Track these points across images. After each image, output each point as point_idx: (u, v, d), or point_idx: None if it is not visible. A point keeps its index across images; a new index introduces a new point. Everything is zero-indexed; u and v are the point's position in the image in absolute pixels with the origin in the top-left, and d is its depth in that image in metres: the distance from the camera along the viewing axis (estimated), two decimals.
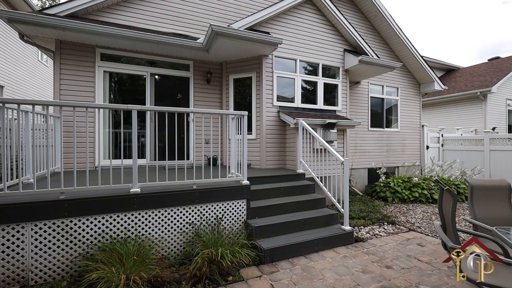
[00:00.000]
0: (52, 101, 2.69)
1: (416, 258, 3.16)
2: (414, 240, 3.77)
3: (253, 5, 6.29)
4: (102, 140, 4.86)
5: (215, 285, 2.53)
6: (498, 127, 10.89)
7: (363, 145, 7.56)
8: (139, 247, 2.68)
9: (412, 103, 8.56)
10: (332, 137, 5.20)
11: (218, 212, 3.36)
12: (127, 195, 2.88)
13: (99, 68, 4.91)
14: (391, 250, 3.38)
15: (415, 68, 8.22)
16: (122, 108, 2.89)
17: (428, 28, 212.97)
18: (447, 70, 14.93)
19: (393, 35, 7.69)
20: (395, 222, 4.58)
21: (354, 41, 6.25)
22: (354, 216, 4.78)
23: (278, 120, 5.48)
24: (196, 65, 5.68)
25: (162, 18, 5.46)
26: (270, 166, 5.36)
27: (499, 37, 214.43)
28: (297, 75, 5.76)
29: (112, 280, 2.25)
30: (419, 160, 8.54)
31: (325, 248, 3.39)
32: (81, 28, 4.15)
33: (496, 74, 11.32)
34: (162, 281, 2.50)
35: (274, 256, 3.06)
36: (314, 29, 5.96)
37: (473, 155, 8.60)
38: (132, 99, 5.39)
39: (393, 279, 2.66)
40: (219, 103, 5.90)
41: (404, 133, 8.36)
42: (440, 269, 2.87)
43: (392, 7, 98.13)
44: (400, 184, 6.59)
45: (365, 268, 2.89)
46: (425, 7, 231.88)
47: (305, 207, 3.99)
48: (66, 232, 2.66)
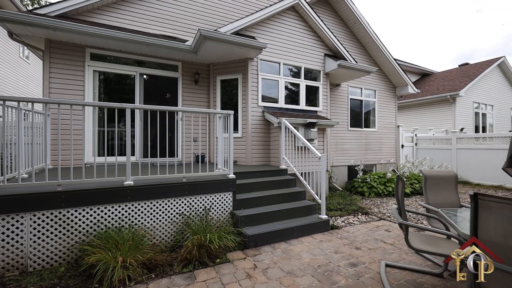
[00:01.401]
0: (52, 99, 2.87)
1: (382, 241, 3.60)
2: (383, 227, 4.22)
3: (239, 10, 6.61)
4: (96, 138, 5.00)
5: (204, 266, 2.81)
6: (466, 127, 11.83)
7: (343, 144, 8.06)
8: (133, 235, 2.92)
9: (388, 104, 9.18)
10: (313, 135, 5.60)
11: (206, 204, 3.64)
12: (121, 187, 3.10)
13: (89, 67, 5.03)
14: (361, 235, 3.80)
15: (390, 72, 8.85)
16: (116, 106, 3.11)
17: (410, 35, 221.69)
18: (422, 74, 15.93)
19: (370, 41, 8.26)
20: (368, 213, 5.05)
21: (334, 47, 6.71)
22: (332, 208, 5.20)
23: (263, 120, 5.81)
24: (184, 66, 5.91)
25: (152, 20, 5.65)
26: (255, 162, 5.69)
27: (473, 43, 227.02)
28: (281, 77, 6.13)
29: (110, 262, 2.48)
30: (394, 158, 9.18)
31: (304, 234, 3.76)
32: (72, 29, 4.29)
33: (464, 79, 12.29)
34: (155, 264, 2.76)
35: (258, 241, 3.38)
36: (297, 34, 6.35)
37: (442, 153, 9.37)
38: (121, 98, 5.53)
39: (360, 257, 3.06)
40: (207, 103, 6.16)
41: (381, 133, 8.96)
42: (401, 249, 3.31)
43: (377, 15, 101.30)
44: (376, 180, 7.12)
45: (337, 249, 3.28)
46: (408, 16, 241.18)
47: (287, 199, 4.34)
48: (63, 221, 2.84)
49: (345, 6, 7.77)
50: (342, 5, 7.80)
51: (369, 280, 2.55)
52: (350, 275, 2.65)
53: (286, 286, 2.44)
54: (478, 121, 12.65)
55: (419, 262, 2.98)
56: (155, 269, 2.73)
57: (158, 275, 2.62)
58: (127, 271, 2.49)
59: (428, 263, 2.95)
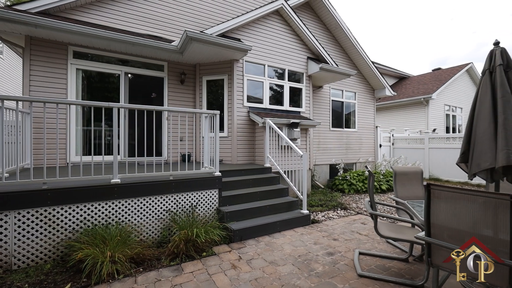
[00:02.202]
0: (38, 98, 2.88)
1: (358, 232, 3.89)
2: (359, 220, 4.54)
3: (226, 12, 6.75)
4: (79, 137, 4.94)
5: (191, 259, 2.94)
6: (438, 128, 12.67)
7: (325, 143, 8.42)
8: (120, 231, 2.99)
9: (367, 106, 9.67)
10: (296, 135, 5.85)
11: (193, 200, 3.76)
12: (108, 185, 3.16)
13: (72, 65, 4.97)
14: (339, 228, 4.08)
15: (369, 75, 9.33)
16: (103, 105, 3.15)
17: (393, 41, 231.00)
18: (399, 77, 16.79)
19: (350, 46, 8.68)
20: (347, 208, 5.37)
21: (316, 50, 7.01)
22: (314, 204, 5.47)
23: (248, 120, 5.99)
24: (170, 66, 5.96)
25: (138, 20, 5.66)
26: (241, 161, 5.85)
27: (447, 49, 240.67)
28: (265, 79, 6.33)
29: (98, 257, 2.55)
30: (373, 157, 9.69)
31: (286, 228, 3.98)
32: (55, 26, 4.23)
33: (437, 83, 13.14)
34: (143, 258, 2.85)
35: (243, 235, 3.55)
36: (281, 37, 6.59)
37: (416, 152, 10.00)
38: (105, 96, 5.49)
39: (337, 247, 3.31)
40: (193, 103, 6.24)
41: (361, 133, 9.42)
42: (374, 239, 3.61)
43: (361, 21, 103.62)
44: (355, 177, 7.52)
45: (316, 241, 3.53)
46: (390, 23, 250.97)
47: (271, 196, 4.55)
48: (49, 219, 2.86)
49: (327, 11, 8.11)
50: (324, 11, 8.15)
51: (344, 267, 2.80)
52: (327, 262, 2.89)
53: (268, 274, 2.63)
54: (449, 122, 13.56)
55: (389, 250, 3.28)
56: (143, 263, 2.82)
57: (146, 269, 2.73)
58: (116, 265, 2.57)
59: (397, 250, 3.26)
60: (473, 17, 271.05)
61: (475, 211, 1.70)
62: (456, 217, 1.79)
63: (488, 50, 2.38)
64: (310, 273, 2.65)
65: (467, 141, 2.46)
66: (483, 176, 2.33)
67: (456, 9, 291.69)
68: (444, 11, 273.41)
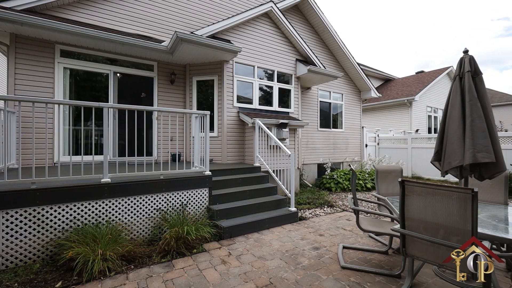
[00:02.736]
0: (26, 97, 2.86)
1: (343, 228, 4.08)
2: (345, 217, 4.74)
3: (216, 13, 6.81)
4: (67, 136, 4.88)
5: (181, 256, 3.02)
6: (421, 129, 13.21)
7: (313, 143, 8.63)
8: (111, 230, 3.02)
9: (354, 107, 9.98)
10: (285, 135, 6.00)
11: (183, 199, 3.83)
12: (98, 184, 3.18)
13: (59, 64, 4.90)
14: (325, 224, 4.26)
15: (356, 77, 9.64)
16: (93, 105, 3.17)
17: (381, 44, 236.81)
18: (385, 79, 17.35)
19: (338, 48, 8.94)
20: (333, 205, 5.57)
21: (304, 53, 7.19)
22: (301, 202, 5.64)
23: (238, 120, 6.09)
24: (160, 66, 5.97)
25: (128, 19, 5.64)
26: (231, 161, 5.94)
27: (431, 53, 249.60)
28: (255, 80, 6.45)
29: (89, 255, 2.59)
30: (359, 156, 10.01)
31: (275, 225, 4.11)
32: (42, 25, 4.18)
33: (420, 85, 13.70)
34: (134, 256, 2.90)
35: (232, 232, 3.66)
36: (270, 40, 6.72)
37: (400, 151, 10.40)
38: (93, 96, 5.44)
39: (322, 242, 3.48)
40: (183, 103, 6.27)
41: (348, 133, 9.72)
42: (357, 234, 3.80)
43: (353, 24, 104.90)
44: (342, 176, 7.77)
45: (303, 236, 3.68)
46: (379, 27, 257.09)
47: (260, 194, 4.67)
48: (38, 219, 2.86)
49: (315, 15, 8.33)
50: (313, 14, 8.36)
51: (328, 260, 2.96)
52: (312, 256, 3.04)
53: (257, 268, 2.75)
54: (431, 123, 14.16)
55: (371, 243, 3.47)
56: (134, 261, 2.87)
57: (137, 266, 2.78)
58: (107, 263, 2.62)
59: (378, 244, 3.46)
60: (454, 22, 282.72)
61: (443, 204, 1.89)
62: (427, 210, 1.97)
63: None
64: (297, 266, 2.79)
65: (440, 141, 2.67)
66: (453, 173, 2.54)
67: (438, 15, 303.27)
68: (427, 16, 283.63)
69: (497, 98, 23.94)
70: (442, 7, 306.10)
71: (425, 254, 2.05)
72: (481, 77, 2.46)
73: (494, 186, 3.07)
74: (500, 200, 3.00)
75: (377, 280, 2.53)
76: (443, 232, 1.89)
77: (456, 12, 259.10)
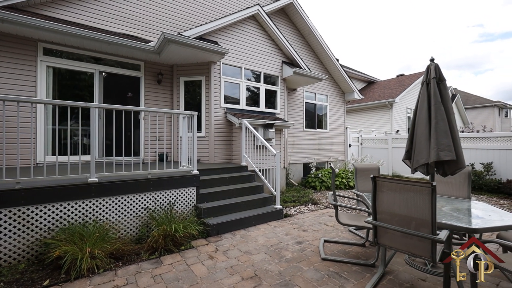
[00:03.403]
0: (11, 97, 2.85)
1: (325, 224, 4.30)
2: (327, 213, 4.97)
3: (204, 15, 6.88)
4: (50, 136, 4.80)
5: (169, 253, 3.10)
6: (401, 129, 13.84)
7: (299, 143, 8.88)
8: (99, 229, 3.05)
9: (338, 108, 10.34)
10: (271, 135, 6.18)
11: (171, 198, 3.90)
12: (85, 184, 3.20)
13: (42, 62, 4.81)
14: (309, 221, 4.46)
15: (340, 80, 9.99)
16: (80, 105, 3.19)
17: (369, 48, 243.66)
18: (368, 82, 17.99)
19: (322, 51, 9.24)
20: (317, 203, 5.80)
21: (290, 55, 7.41)
22: (287, 200, 5.84)
23: (225, 120, 6.19)
24: (147, 66, 5.97)
25: (114, 18, 5.60)
26: (218, 160, 6.04)
27: (412, 57, 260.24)
28: (242, 81, 6.58)
29: (77, 254, 2.63)
30: (343, 156, 10.38)
31: (261, 222, 4.26)
32: (23, 22, 4.11)
33: (400, 88, 14.34)
34: (122, 254, 2.96)
35: (219, 229, 3.77)
36: (257, 42, 6.88)
37: (382, 151, 10.87)
38: (78, 95, 5.37)
39: (305, 237, 3.67)
40: (170, 103, 6.30)
41: (332, 134, 10.05)
42: (338, 229, 4.03)
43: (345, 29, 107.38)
44: (326, 175, 8.05)
45: (288, 232, 3.86)
46: (366, 32, 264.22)
47: (247, 193, 4.81)
48: (23, 219, 2.85)
49: (301, 18, 8.57)
50: (298, 18, 8.60)
51: (310, 253, 3.15)
52: (295, 250, 3.22)
53: (243, 262, 2.89)
54: (410, 124, 14.84)
55: (350, 237, 3.70)
56: (123, 258, 2.93)
57: (126, 263, 2.84)
58: (95, 260, 2.66)
59: (357, 237, 3.70)
60: (434, 28, 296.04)
61: (408, 198, 2.11)
62: (395, 203, 2.19)
63: (445, 59, 2.83)
64: (280, 259, 2.96)
65: (410, 141, 2.92)
66: (421, 170, 2.80)
67: (419, 20, 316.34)
68: (410, 21, 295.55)
69: (471, 100, 25.39)
70: (423, 13, 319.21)
71: (394, 243, 2.26)
72: (444, 83, 2.72)
73: (459, 182, 3.38)
74: (464, 194, 3.31)
75: (354, 269, 2.74)
76: (409, 222, 2.11)
77: (435, 18, 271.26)
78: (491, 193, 6.83)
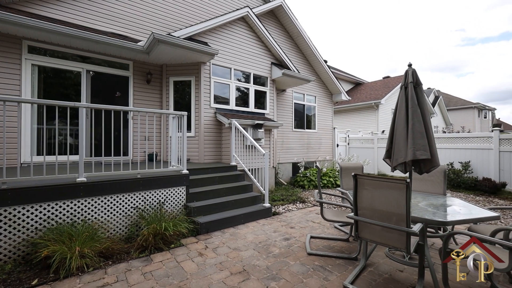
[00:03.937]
0: None
1: (312, 221, 4.45)
2: (315, 211, 5.13)
3: (194, 15, 6.91)
4: (35, 136, 4.71)
5: (159, 251, 3.15)
6: (386, 130, 14.28)
7: (288, 143, 9.04)
8: (88, 228, 3.06)
9: (326, 109, 10.58)
10: (260, 135, 6.29)
11: (160, 197, 3.93)
12: (73, 184, 3.20)
13: (27, 61, 4.72)
14: (297, 218, 4.60)
15: (328, 81, 10.23)
16: (69, 105, 3.18)
17: (358, 50, 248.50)
18: (356, 83, 18.45)
19: (311, 53, 9.44)
20: (305, 201, 5.96)
21: (279, 56, 7.55)
22: (276, 199, 5.96)
23: (215, 120, 6.25)
24: (136, 66, 5.95)
25: (102, 17, 5.55)
26: (208, 160, 6.09)
27: (398, 59, 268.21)
28: (232, 82, 6.66)
29: (66, 253, 2.64)
30: (331, 155, 10.63)
31: (250, 220, 4.36)
32: (7, 19, 4.02)
33: (386, 89, 14.81)
34: (112, 252, 2.98)
35: (209, 228, 3.84)
36: (246, 43, 6.97)
37: (368, 151, 11.22)
38: (64, 94, 5.28)
39: (293, 234, 3.80)
40: (159, 103, 6.29)
41: (320, 134, 10.28)
42: (325, 226, 4.19)
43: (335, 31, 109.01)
44: (314, 174, 8.25)
45: (276, 229, 3.98)
46: (356, 35, 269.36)
47: (236, 192, 4.89)
48: (9, 219, 2.83)
49: (290, 21, 8.73)
50: (288, 20, 8.75)
51: (297, 248, 3.28)
52: (283, 246, 3.34)
53: (231, 258, 2.98)
54: (390, 125, 15.35)
55: (335, 233, 3.86)
56: (112, 257, 2.96)
57: (116, 261, 2.87)
58: (85, 259, 2.68)
59: (341, 233, 3.86)
60: (417, 31, 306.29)
61: (386, 194, 2.26)
62: (374, 199, 2.35)
63: (430, 62, 3.01)
64: (268, 255, 3.07)
65: (390, 141, 3.10)
66: (400, 169, 2.97)
67: (405, 23, 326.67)
68: (396, 24, 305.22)
69: (453, 102, 26.46)
70: (410, 16, 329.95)
71: (373, 236, 2.42)
72: (421, 87, 2.91)
73: (436, 180, 3.60)
74: (441, 191, 3.54)
75: (337, 263, 2.89)
76: (387, 216, 2.27)
77: (421, 22, 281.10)
78: (469, 190, 7.22)
